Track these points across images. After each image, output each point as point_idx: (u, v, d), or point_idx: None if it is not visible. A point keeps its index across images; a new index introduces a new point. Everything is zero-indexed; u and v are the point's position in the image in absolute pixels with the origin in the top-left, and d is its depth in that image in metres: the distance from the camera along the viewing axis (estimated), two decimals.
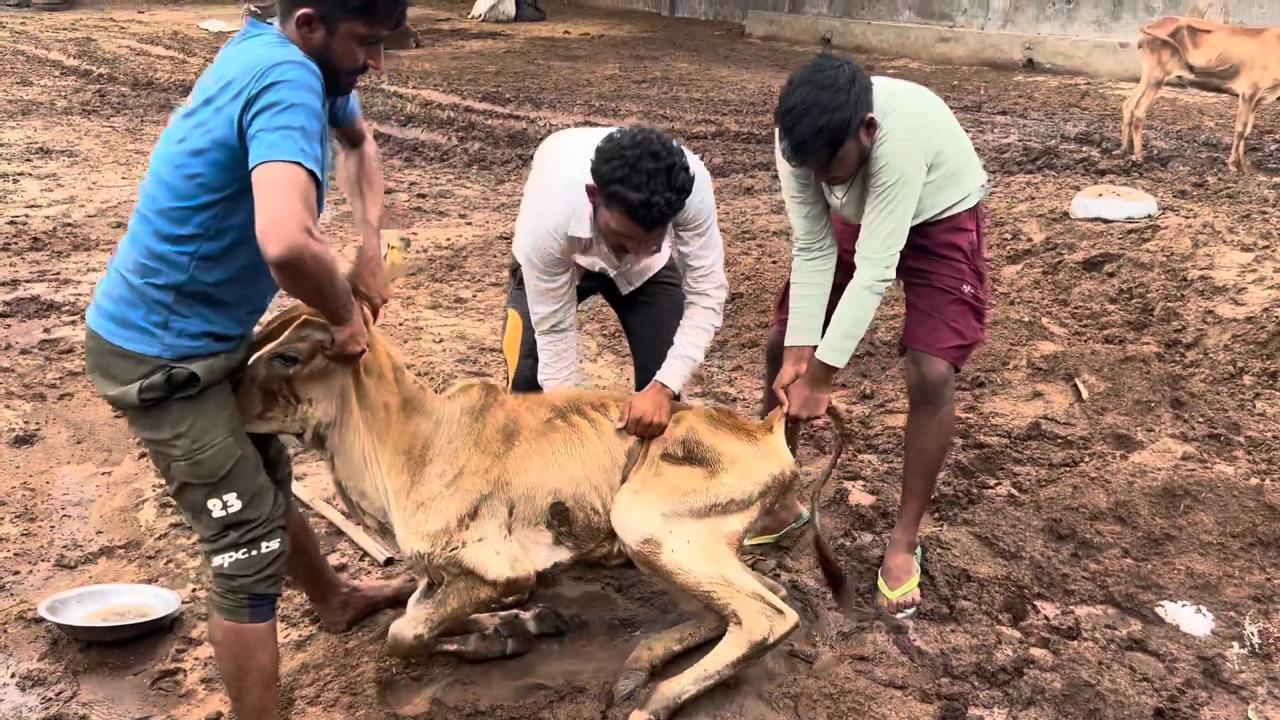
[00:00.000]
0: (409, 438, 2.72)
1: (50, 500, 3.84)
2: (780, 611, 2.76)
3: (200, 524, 2.43)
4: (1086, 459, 4.10)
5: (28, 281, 6.06)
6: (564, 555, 2.85)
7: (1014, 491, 3.91)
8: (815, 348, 3.11)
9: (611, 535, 2.83)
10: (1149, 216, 6.51)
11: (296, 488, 3.89)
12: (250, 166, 2.09)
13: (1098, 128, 10.55)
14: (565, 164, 3.06)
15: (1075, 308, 5.50)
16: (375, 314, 2.68)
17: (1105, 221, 6.43)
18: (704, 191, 3.00)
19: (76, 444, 4.27)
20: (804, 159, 2.91)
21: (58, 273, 6.23)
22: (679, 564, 2.72)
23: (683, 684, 2.75)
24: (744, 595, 2.74)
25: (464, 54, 16.42)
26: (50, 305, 5.66)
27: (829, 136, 2.81)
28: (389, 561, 3.49)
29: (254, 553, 2.43)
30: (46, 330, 5.34)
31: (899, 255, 3.00)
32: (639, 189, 2.69)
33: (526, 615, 3.11)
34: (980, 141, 9.85)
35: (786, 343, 3.22)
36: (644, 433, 2.90)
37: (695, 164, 2.93)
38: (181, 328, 2.32)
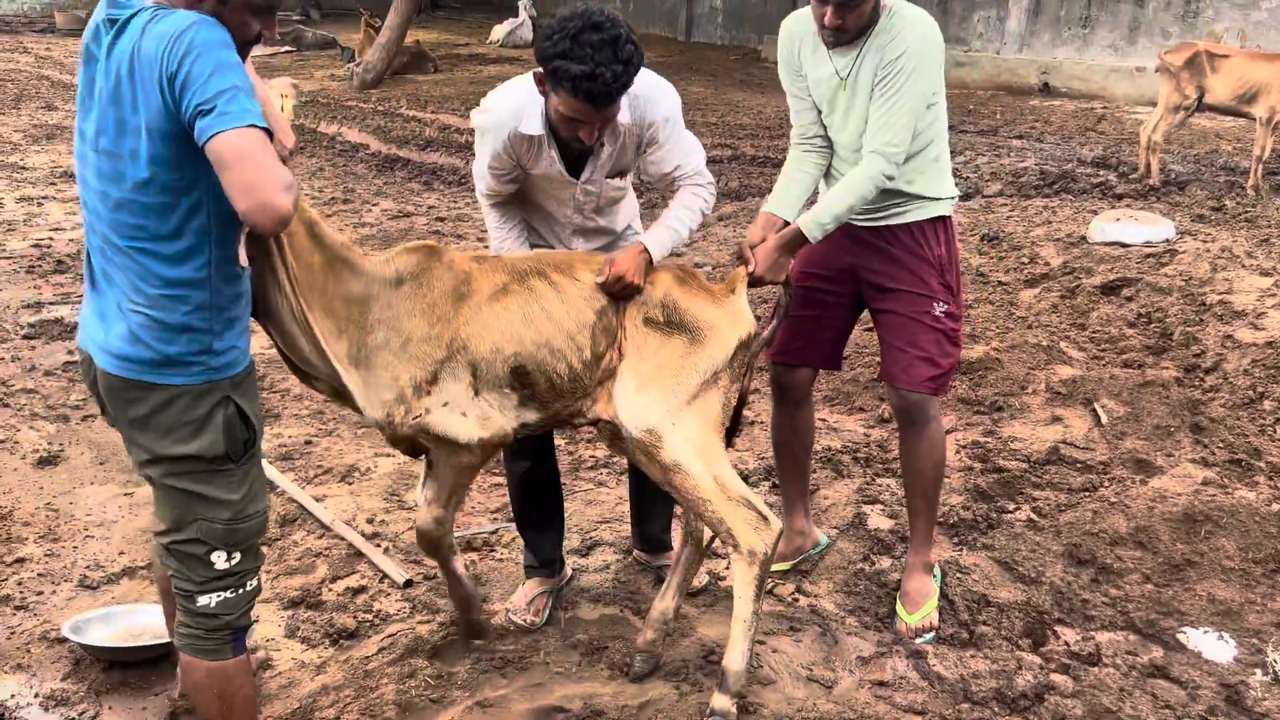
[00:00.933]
0: (341, 301, 2.62)
1: (73, 521, 3.87)
2: (765, 518, 2.79)
3: (191, 569, 2.35)
4: (1106, 484, 4.08)
5: (51, 304, 6.13)
6: (531, 416, 2.85)
7: (1033, 516, 3.90)
8: (787, 222, 3.15)
9: (577, 395, 2.84)
10: (1167, 241, 6.50)
11: (317, 510, 3.92)
12: (202, 142, 1.99)
13: (1115, 152, 10.54)
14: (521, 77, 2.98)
15: (1094, 332, 5.49)
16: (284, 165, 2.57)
17: (1123, 246, 6.43)
18: (666, 96, 2.93)
19: (99, 465, 4.30)
20: None
21: (81, 295, 6.29)
22: (677, 461, 2.76)
23: (739, 649, 2.81)
24: (734, 504, 2.77)
25: (482, 78, 16.54)
26: (73, 327, 5.72)
27: None
28: (408, 584, 3.50)
29: (240, 591, 2.39)
30: (70, 352, 5.40)
31: (901, 160, 3.02)
32: (582, 61, 2.57)
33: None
34: (997, 165, 9.86)
35: (764, 207, 3.24)
36: (622, 292, 2.83)
37: (651, 75, 2.90)
38: (220, 346, 2.26)
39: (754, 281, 3.07)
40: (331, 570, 3.59)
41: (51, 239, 7.44)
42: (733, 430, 3.07)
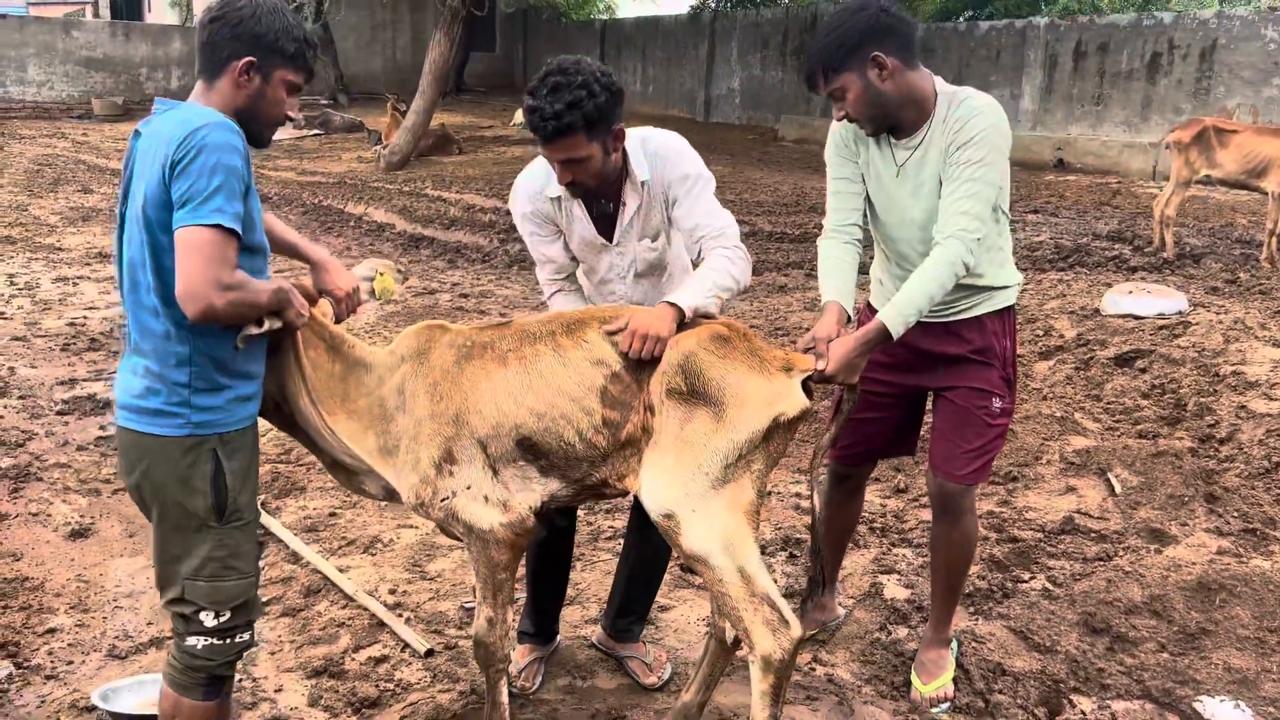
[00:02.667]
0: (363, 400, 2.75)
1: (103, 592, 3.95)
2: (785, 622, 2.61)
3: (187, 624, 2.50)
4: (1120, 553, 4.11)
5: (85, 380, 6.28)
6: (555, 485, 2.77)
7: (1048, 585, 3.92)
8: (846, 311, 3.04)
9: (595, 462, 2.73)
10: (1180, 313, 6.56)
11: (341, 580, 3.99)
12: (174, 229, 2.26)
13: (1129, 225, 10.67)
14: None
15: (1108, 403, 5.54)
16: (340, 308, 2.78)
17: (1136, 318, 6.50)
18: (685, 158, 3.03)
19: (129, 537, 4.40)
20: (808, 80, 2.99)
21: (114, 371, 6.43)
22: (698, 550, 2.61)
23: None
24: (757, 601, 2.60)
25: (505, 159, 16.92)
26: (106, 403, 5.86)
27: (821, 59, 2.91)
28: (429, 653, 3.55)
29: (228, 642, 2.52)
30: (102, 427, 5.53)
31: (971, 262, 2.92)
32: (534, 96, 2.81)
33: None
34: (1012, 240, 9.98)
35: (827, 297, 3.07)
36: (640, 347, 2.66)
37: (666, 135, 3.06)
38: (199, 402, 2.41)
39: (823, 379, 2.83)
40: (354, 640, 3.65)
41: (86, 317, 7.65)
42: (817, 584, 2.95)
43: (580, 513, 4.55)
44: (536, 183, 3.12)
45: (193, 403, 2.41)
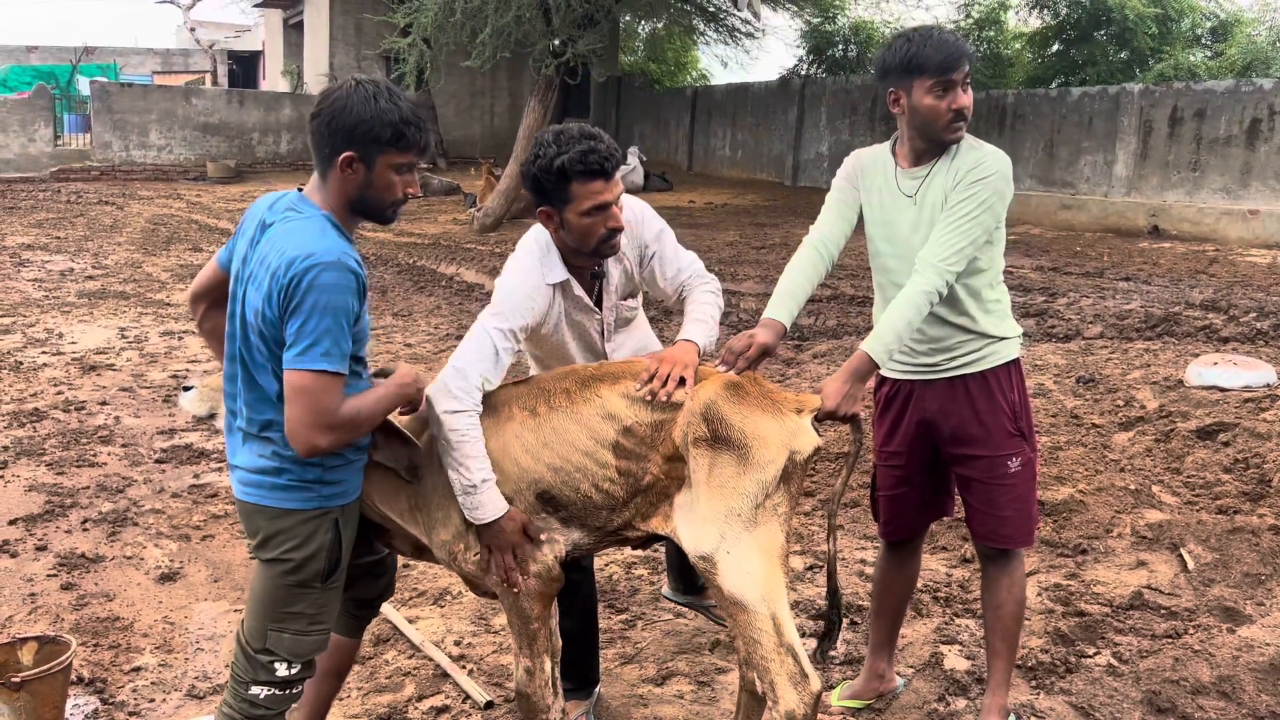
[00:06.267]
0: (391, 464, 2.83)
1: (186, 634, 4.15)
2: (805, 675, 2.65)
3: (250, 667, 2.61)
4: (1190, 631, 4.01)
5: (183, 431, 6.61)
6: (578, 535, 2.87)
7: (1113, 662, 3.85)
8: (784, 325, 3.09)
9: (616, 509, 2.82)
10: (1268, 385, 6.40)
11: (409, 630, 4.12)
12: (284, 365, 2.38)
13: (1225, 295, 10.41)
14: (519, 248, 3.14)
15: (1187, 477, 5.42)
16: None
17: (1221, 390, 6.36)
18: (654, 216, 3.17)
19: (214, 582, 4.61)
20: (959, 58, 3.03)
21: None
22: (737, 594, 2.66)
23: None
24: (784, 653, 2.64)
25: None
26: (201, 453, 6.16)
27: (964, 52, 3.01)
28: (489, 705, 3.64)
29: (289, 692, 2.65)
30: (196, 476, 5.81)
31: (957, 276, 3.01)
32: (577, 144, 2.82)
33: None
34: (1100, 307, 9.83)
35: (765, 314, 3.13)
36: (669, 371, 2.76)
37: (638, 201, 3.15)
38: (331, 478, 2.58)
39: (827, 415, 2.88)
40: (418, 689, 3.76)
41: (188, 370, 8.04)
42: (834, 624, 3.00)
43: (643, 572, 4.62)
44: (533, 277, 3.01)
45: (326, 479, 2.57)
